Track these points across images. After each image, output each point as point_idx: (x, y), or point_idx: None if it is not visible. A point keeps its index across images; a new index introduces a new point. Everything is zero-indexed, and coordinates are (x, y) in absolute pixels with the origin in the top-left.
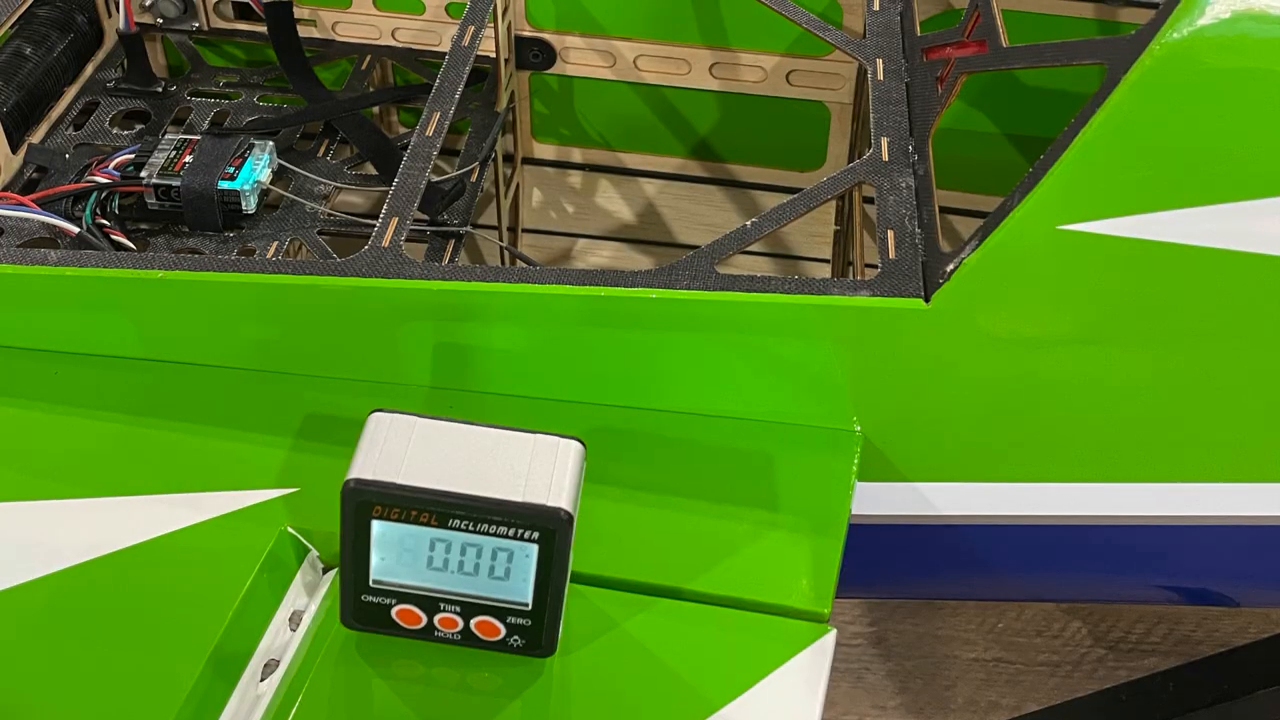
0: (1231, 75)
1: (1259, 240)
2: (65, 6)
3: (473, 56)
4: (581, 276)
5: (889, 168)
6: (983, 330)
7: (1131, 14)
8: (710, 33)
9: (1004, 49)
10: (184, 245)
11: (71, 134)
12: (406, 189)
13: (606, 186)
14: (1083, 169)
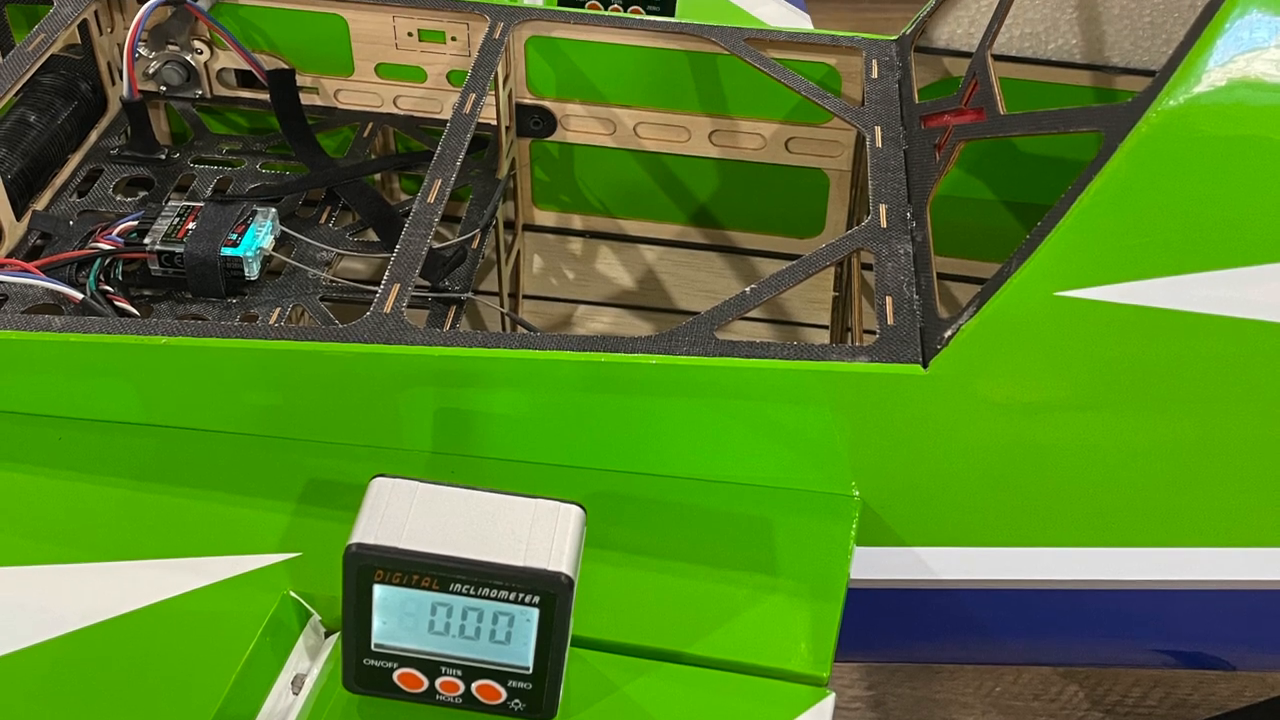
0: (1227, 142)
1: (1254, 306)
2: (69, 74)
3: (474, 124)
4: (582, 342)
5: (887, 234)
6: (980, 396)
7: (1128, 81)
8: (709, 100)
9: (1001, 116)
10: (187, 311)
11: (75, 201)
12: (408, 255)
13: (607, 253)
14: (1080, 236)
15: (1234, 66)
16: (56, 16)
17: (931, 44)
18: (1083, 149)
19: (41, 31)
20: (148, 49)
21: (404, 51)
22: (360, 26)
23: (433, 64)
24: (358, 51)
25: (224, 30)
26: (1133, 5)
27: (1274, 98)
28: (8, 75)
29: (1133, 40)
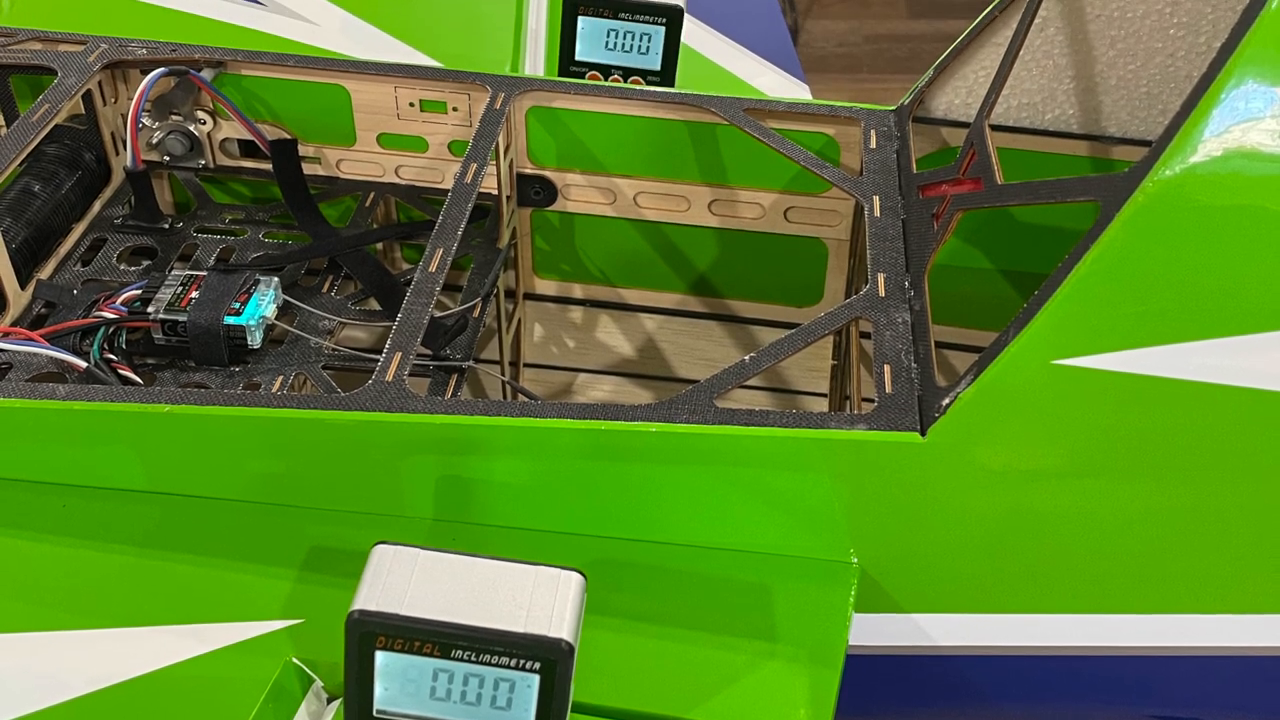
0: (1223, 212)
1: (1250, 375)
2: (73, 144)
3: (475, 193)
4: (582, 410)
5: (885, 303)
6: (978, 464)
7: (1125, 151)
8: (709, 170)
9: (999, 186)
10: (190, 379)
11: (79, 270)
12: (410, 324)
13: (607, 322)
14: (1077, 305)
15: (1230, 136)
16: (61, 87)
17: (929, 114)
18: (1080, 218)
19: (46, 102)
20: (151, 119)
21: (406, 122)
22: (362, 97)
23: (434, 134)
24: (360, 122)
25: (227, 100)
26: (1129, 76)
27: (1270, 167)
28: (12, 145)
29: (1129, 110)
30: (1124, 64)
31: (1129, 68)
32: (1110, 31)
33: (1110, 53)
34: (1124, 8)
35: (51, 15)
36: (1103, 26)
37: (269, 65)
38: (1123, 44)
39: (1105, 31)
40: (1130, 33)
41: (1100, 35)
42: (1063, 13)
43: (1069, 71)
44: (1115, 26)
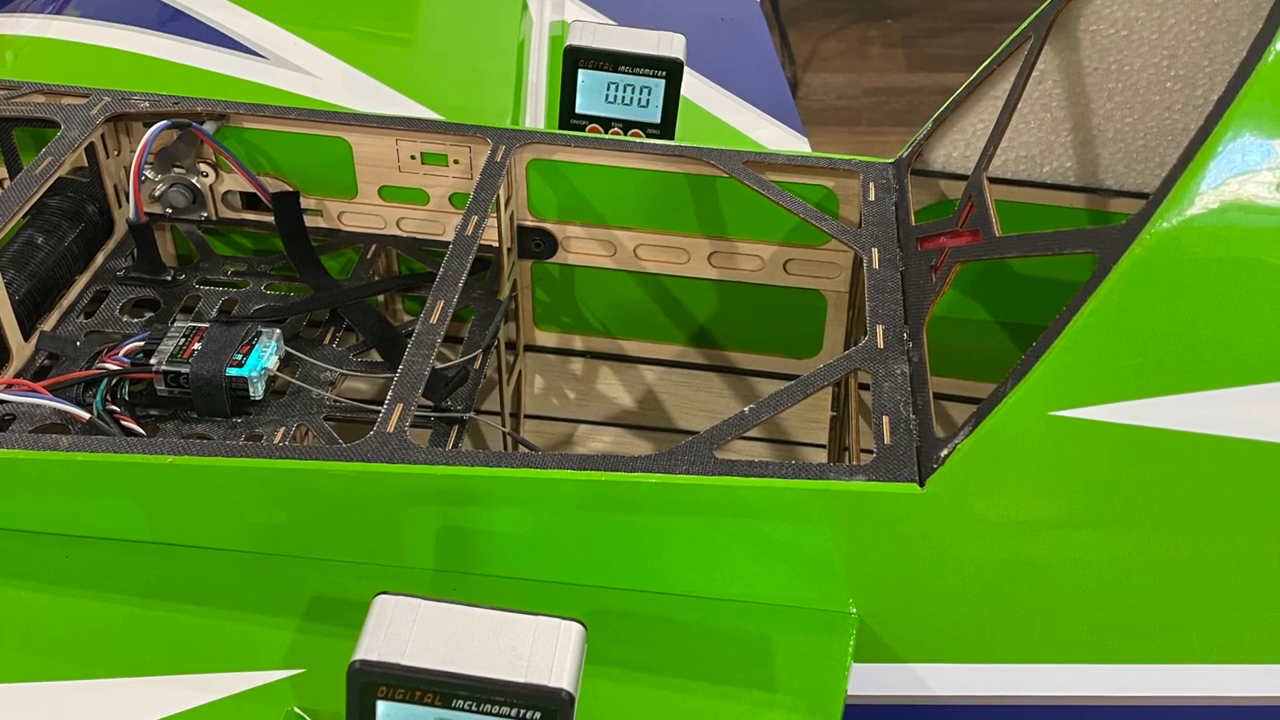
0: (1220, 264)
1: (1247, 426)
2: (76, 197)
3: (476, 246)
4: (582, 461)
5: (884, 355)
6: (976, 514)
7: (1122, 204)
8: (709, 222)
9: (996, 238)
10: (193, 431)
11: (82, 322)
12: (411, 375)
13: (607, 373)
14: (1074, 356)
15: (1226, 189)
16: (64, 140)
17: (928, 167)
18: (1077, 270)
19: (49, 154)
20: (154, 172)
21: (407, 174)
22: (364, 149)
23: (435, 186)
24: (361, 174)
25: (229, 153)
26: (1126, 129)
27: (1266, 220)
28: (16, 198)
29: (1126, 163)
30: (1121, 117)
31: (1126, 121)
32: (1108, 85)
33: (1108, 106)
34: (1121, 61)
35: (55, 68)
36: (1100, 80)
37: (271, 118)
38: (1120, 97)
39: (1103, 85)
40: (1128, 86)
41: (1098, 88)
42: (1060, 66)
43: (1067, 124)
44: (1113, 80)
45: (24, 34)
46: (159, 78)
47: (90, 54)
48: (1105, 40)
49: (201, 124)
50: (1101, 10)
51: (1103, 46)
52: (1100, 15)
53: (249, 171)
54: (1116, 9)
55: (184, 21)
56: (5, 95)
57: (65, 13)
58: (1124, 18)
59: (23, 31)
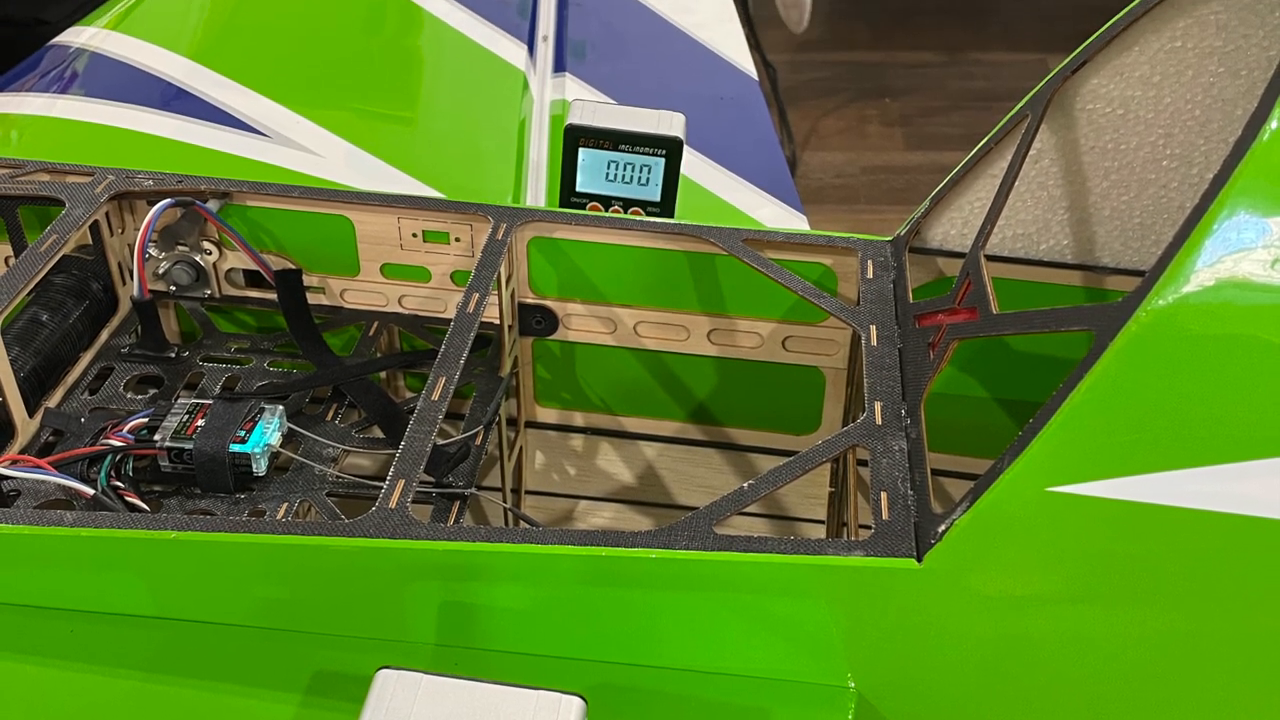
0: (1215, 341)
1: (1243, 502)
2: (81, 274)
3: (477, 323)
4: (583, 537)
5: (882, 431)
6: (974, 590)
7: (1118, 281)
8: (708, 300)
9: (994, 316)
10: (196, 506)
11: (87, 398)
12: (413, 452)
13: (607, 449)
14: (1071, 433)
15: (1222, 267)
16: (68, 218)
17: (925, 244)
18: (1074, 347)
19: (54, 233)
20: (158, 249)
21: (409, 252)
22: (366, 227)
23: (437, 264)
24: (363, 252)
25: (232, 231)
26: (1123, 207)
27: (1261, 297)
28: (21, 275)
29: (1123, 241)
30: (1118, 195)
31: (1123, 199)
32: (1104, 163)
33: (1104, 184)
34: (1118, 140)
35: (60, 147)
36: (1097, 158)
37: (274, 196)
38: (1116, 175)
39: (1099, 163)
40: (1124, 164)
41: (1094, 167)
42: (1057, 145)
43: (1063, 202)
44: (1109, 158)
45: (29, 113)
46: (163, 156)
47: (95, 132)
48: (1102, 119)
49: (205, 202)
50: (1098, 89)
51: (1099, 125)
52: (1097, 94)
53: (252, 249)
54: (1113, 88)
55: (188, 100)
56: (10, 174)
57: (70, 92)
58: (1120, 97)
59: (28, 110)
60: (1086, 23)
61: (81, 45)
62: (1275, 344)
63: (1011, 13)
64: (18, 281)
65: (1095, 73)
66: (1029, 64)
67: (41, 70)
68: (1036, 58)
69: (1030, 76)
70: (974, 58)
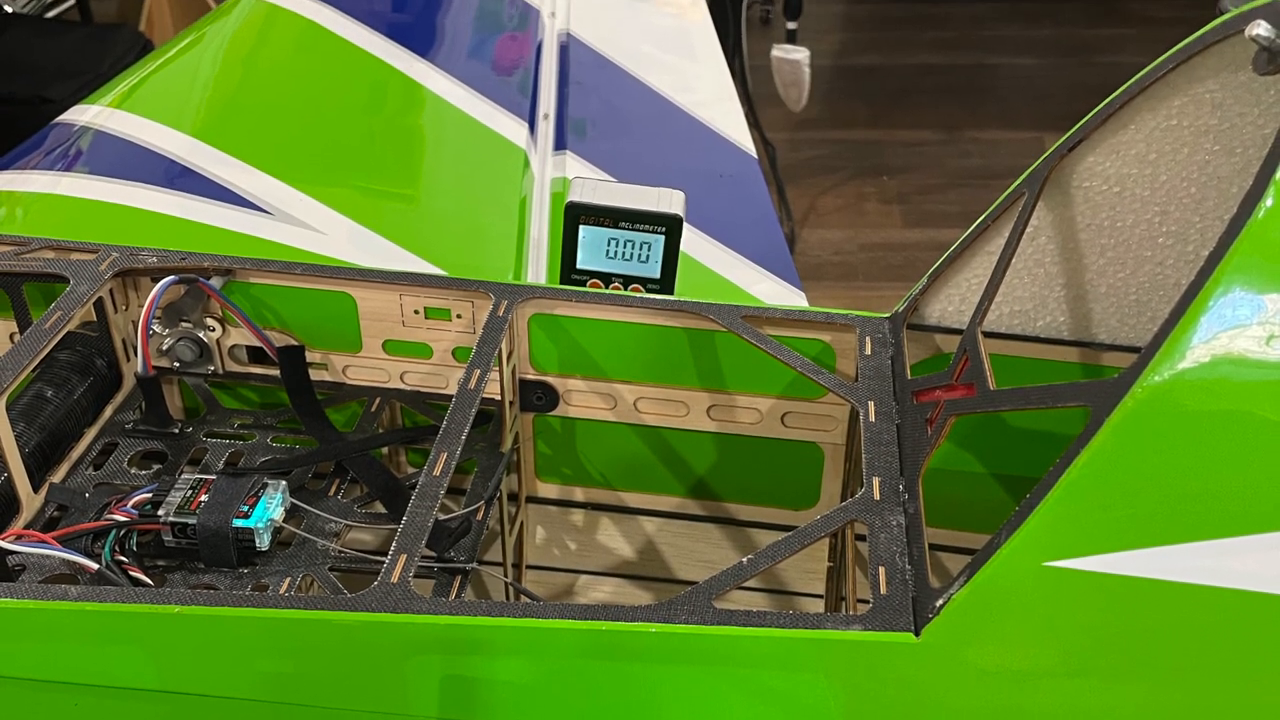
0: (1211, 417)
1: (1239, 576)
2: (85, 351)
3: (478, 399)
4: (584, 611)
5: (880, 506)
6: (971, 664)
7: (1114, 357)
8: (708, 376)
9: (991, 392)
10: (200, 581)
11: (91, 473)
12: (415, 527)
13: (608, 524)
14: (1068, 508)
15: (1217, 343)
16: (73, 294)
17: (923, 321)
18: (1070, 423)
19: (58, 309)
20: (161, 326)
21: (411, 329)
22: (368, 304)
23: (439, 341)
24: (366, 329)
25: (236, 308)
26: (1119, 284)
27: (1256, 373)
28: (25, 352)
29: (1119, 318)
30: (1114, 272)
31: (1119, 275)
32: (1100, 240)
33: (1100, 261)
34: (1114, 217)
35: (64, 224)
36: (1093, 235)
37: (277, 273)
38: (1112, 252)
39: (1095, 240)
40: (1120, 241)
41: (1091, 244)
42: (1053, 222)
43: (1060, 279)
44: (1105, 235)
45: (34, 190)
46: (167, 233)
47: (99, 210)
48: (1098, 196)
49: (208, 279)
50: (1094, 167)
51: (1095, 203)
52: (1093, 172)
53: (255, 326)
54: (1109, 166)
55: (191, 178)
56: (15, 251)
57: (74, 169)
58: (1117, 174)
59: (33, 188)
60: (1081, 101)
61: (86, 123)
62: (1270, 420)
63: (1007, 91)
64: (23, 358)
65: (1092, 150)
66: (1025, 142)
67: (46, 148)
68: (1032, 136)
69: (1026, 154)
70: (971, 136)
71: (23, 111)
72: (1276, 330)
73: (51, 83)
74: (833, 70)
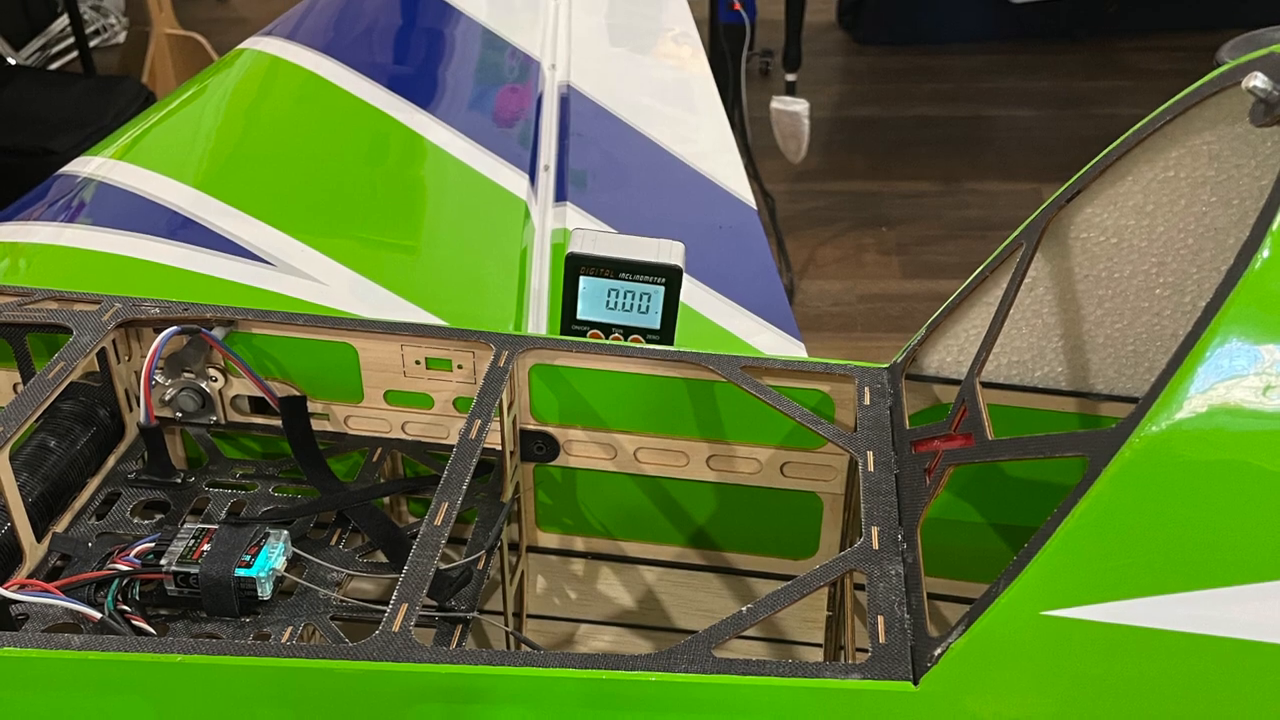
0: (1208, 467)
1: (1235, 626)
2: (88, 401)
3: (479, 449)
4: (584, 660)
5: (879, 556)
6: (970, 712)
7: (1112, 408)
8: (707, 426)
9: (989, 442)
10: (202, 630)
11: (94, 523)
12: (416, 576)
13: (608, 573)
14: (1065, 557)
15: (1214, 394)
16: (76, 345)
17: (922, 371)
18: (1068, 473)
19: (61, 360)
20: (164, 376)
21: (412, 379)
22: (370, 355)
23: (440, 391)
24: (367, 379)
25: (238, 358)
26: (1116, 334)
27: (1253, 423)
28: (29, 402)
29: (1116, 368)
30: (1111, 322)
31: (1116, 326)
32: (1098, 291)
33: (1098, 312)
34: (1111, 268)
35: (67, 275)
36: (1090, 286)
37: (279, 324)
38: (1110, 303)
39: (1093, 291)
40: (1117, 292)
41: (1088, 295)
42: (1051, 273)
43: (1057, 330)
44: (1103, 286)
45: (38, 241)
46: (169, 284)
47: (102, 261)
48: (1095, 248)
49: (211, 330)
50: (1092, 218)
51: (1093, 254)
52: (1091, 223)
53: (257, 376)
54: (1107, 217)
55: (193, 229)
56: (19, 301)
57: (77, 220)
58: (1114, 226)
59: (36, 239)
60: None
61: (89, 175)
62: (1267, 470)
63: (1005, 143)
64: (26, 408)
65: (1089, 202)
66: (1023, 193)
67: (49, 199)
68: (1030, 187)
69: (1024, 205)
70: (969, 187)
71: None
72: (1273, 381)
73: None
74: (831, 122)
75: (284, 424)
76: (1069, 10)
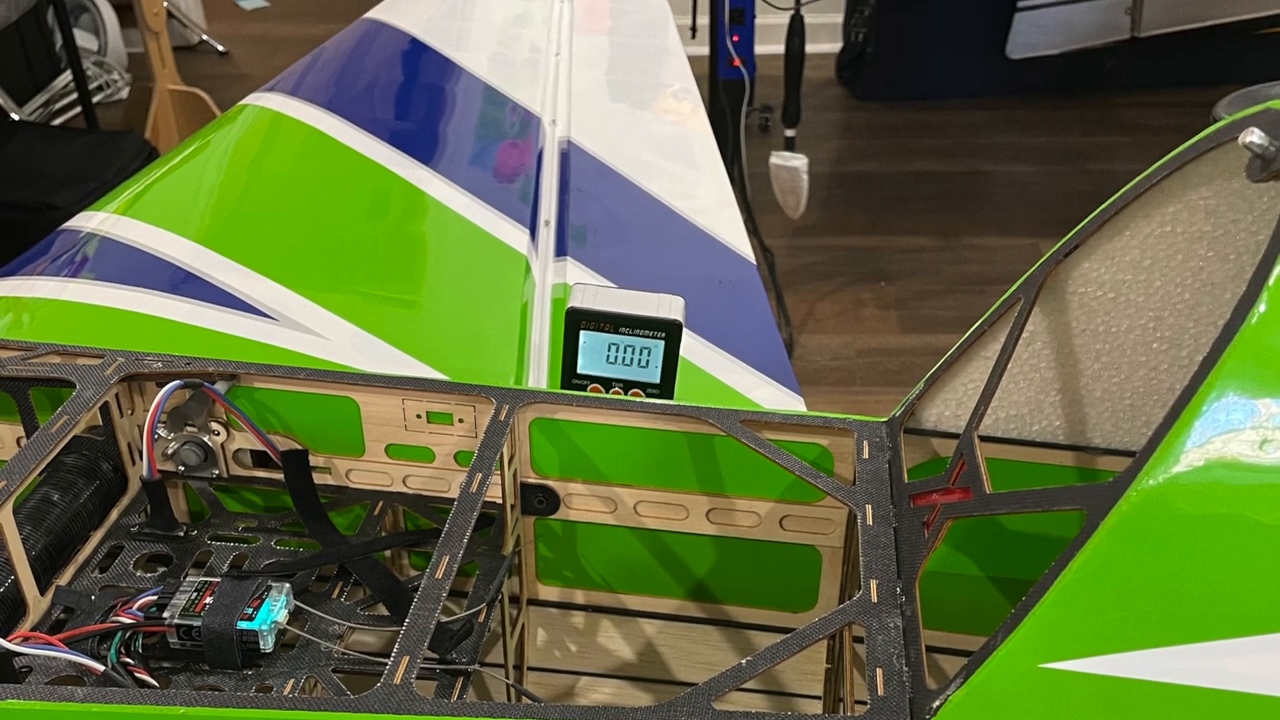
0: (1204, 520)
1: (1233, 678)
2: (91, 454)
3: (480, 502)
4: (585, 713)
5: (878, 609)
6: None
7: (1109, 461)
8: (707, 480)
9: (987, 495)
10: (205, 682)
11: (97, 576)
12: (417, 629)
13: (608, 626)
14: (1062, 610)
15: (1211, 447)
16: (79, 399)
17: (920, 425)
18: (1066, 526)
19: (64, 414)
20: (167, 430)
21: (413, 433)
22: (371, 408)
23: (441, 445)
24: (368, 433)
25: (240, 412)
26: (1114, 388)
27: (1249, 477)
28: (32, 456)
29: (1114, 422)
30: (1109, 377)
31: (1113, 380)
32: (1095, 345)
33: (1095, 366)
34: (1109, 323)
35: (70, 330)
36: (1088, 341)
37: (281, 378)
38: (1107, 358)
39: (1090, 345)
40: (1115, 346)
41: (1085, 349)
42: (1049, 327)
43: (1055, 384)
44: (1100, 340)
45: (41, 296)
46: (172, 339)
47: (105, 316)
48: (1093, 302)
49: (213, 384)
50: (1089, 273)
51: (1090, 308)
52: (1088, 278)
53: (259, 430)
54: (1104, 272)
55: (196, 284)
56: (22, 356)
57: (80, 275)
58: (1111, 280)
59: (40, 294)
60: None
61: (91, 230)
62: (1263, 523)
63: (1003, 198)
64: (29, 462)
65: (1087, 257)
66: (1021, 248)
67: (52, 254)
68: (1028, 242)
69: (1022, 261)
70: (968, 242)
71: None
72: (1270, 435)
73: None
74: (830, 177)
75: (286, 478)
76: (1067, 66)
